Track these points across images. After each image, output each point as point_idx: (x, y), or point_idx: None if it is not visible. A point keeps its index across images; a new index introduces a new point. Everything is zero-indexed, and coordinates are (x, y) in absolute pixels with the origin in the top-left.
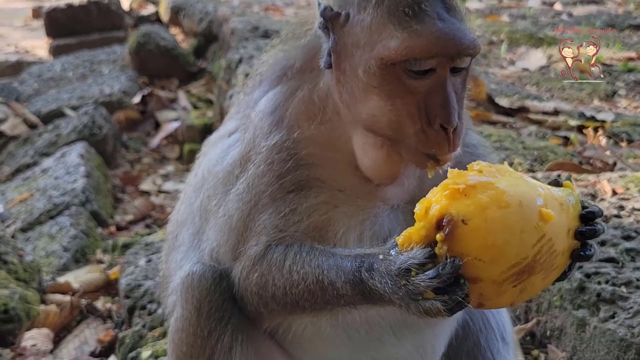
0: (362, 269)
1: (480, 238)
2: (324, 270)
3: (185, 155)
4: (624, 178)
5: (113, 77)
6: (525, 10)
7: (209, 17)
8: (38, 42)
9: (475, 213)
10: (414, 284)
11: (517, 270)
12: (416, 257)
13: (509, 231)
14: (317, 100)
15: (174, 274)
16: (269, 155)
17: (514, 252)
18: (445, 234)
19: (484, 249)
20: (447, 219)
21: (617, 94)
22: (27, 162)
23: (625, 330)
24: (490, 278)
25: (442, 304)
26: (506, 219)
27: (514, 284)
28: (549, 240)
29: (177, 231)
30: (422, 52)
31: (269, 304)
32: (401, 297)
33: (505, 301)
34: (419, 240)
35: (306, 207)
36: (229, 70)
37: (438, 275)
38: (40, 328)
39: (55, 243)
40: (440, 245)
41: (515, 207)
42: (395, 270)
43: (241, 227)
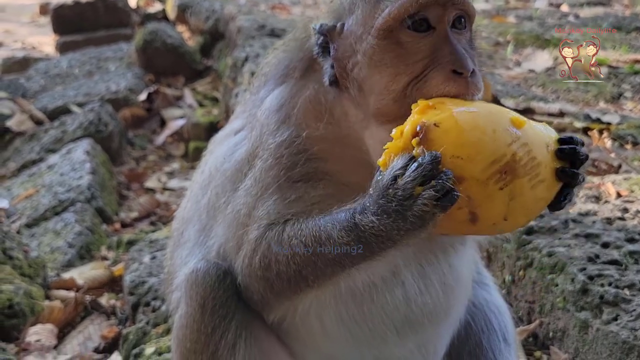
0: (356, 213)
1: (453, 137)
2: (320, 226)
3: (190, 152)
4: (629, 180)
5: (119, 75)
6: (531, 11)
7: (215, 15)
8: (45, 39)
9: (445, 118)
10: (402, 187)
11: (498, 167)
12: (398, 163)
13: (480, 130)
14: (323, 101)
15: (179, 271)
16: (277, 151)
17: (490, 149)
18: (420, 138)
19: (460, 147)
20: (421, 126)
21: (623, 96)
22: (33, 158)
23: (628, 332)
24: (473, 176)
25: (432, 190)
26: (476, 119)
27: (499, 185)
28: (525, 144)
29: (183, 228)
30: (414, 5)
31: (274, 285)
32: (395, 210)
33: (497, 209)
34: (397, 152)
35: (312, 197)
36: (235, 68)
37: (420, 165)
38: (45, 323)
39: (60, 239)
40: (416, 148)
41: (484, 113)
42: (383, 186)
43: (247, 219)
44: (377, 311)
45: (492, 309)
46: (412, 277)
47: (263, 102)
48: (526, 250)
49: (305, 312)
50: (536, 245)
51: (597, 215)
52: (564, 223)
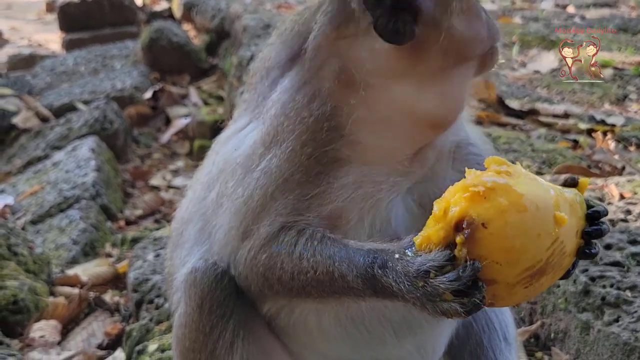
0: (375, 265)
1: (499, 241)
2: (335, 262)
3: (195, 151)
4: (632, 182)
5: (125, 72)
6: (538, 12)
7: (221, 14)
8: (51, 36)
9: (494, 216)
10: (432, 286)
11: (531, 272)
12: (436, 259)
13: (526, 235)
14: (354, 70)
15: (178, 271)
16: (315, 125)
17: (530, 256)
18: (465, 237)
19: (502, 252)
20: (468, 222)
21: (628, 98)
22: (39, 155)
23: (629, 334)
24: (505, 280)
25: (461, 306)
26: (524, 222)
27: (525, 286)
28: (561, 242)
29: (182, 228)
30: None
31: (274, 287)
32: (418, 297)
33: (514, 301)
34: (437, 242)
35: (335, 188)
36: (240, 67)
37: (458, 278)
38: (49, 320)
39: (65, 236)
40: (459, 247)
41: (533, 211)
42: (413, 272)
43: (260, 206)
44: (375, 311)
45: (494, 308)
46: None
47: (274, 88)
48: None
49: (303, 311)
50: None
51: None
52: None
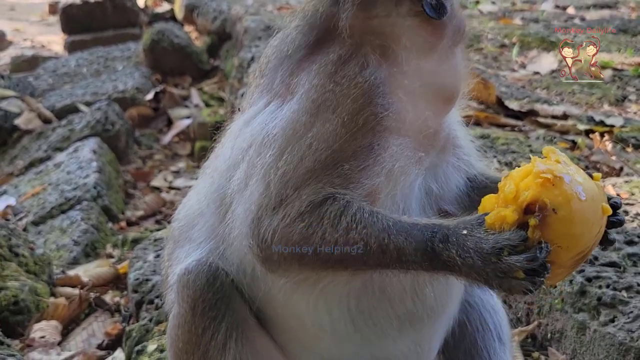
0: (435, 239)
1: (566, 227)
2: (391, 234)
3: (196, 152)
4: (629, 183)
5: (127, 74)
6: (538, 13)
7: (222, 16)
8: (54, 38)
9: (563, 203)
10: (507, 263)
11: (580, 257)
12: (512, 238)
13: (585, 223)
14: (394, 44)
15: (173, 272)
16: (372, 91)
17: (584, 242)
18: (538, 220)
19: (566, 237)
20: (540, 206)
21: (628, 99)
22: (41, 156)
23: (625, 334)
24: (562, 263)
25: (532, 285)
26: (584, 211)
27: (571, 267)
28: (601, 230)
29: (187, 226)
30: None
31: (305, 258)
32: (485, 272)
33: (554, 281)
34: (511, 222)
35: (382, 159)
36: (241, 68)
37: (535, 259)
38: (49, 320)
39: (66, 237)
40: (532, 229)
41: (590, 201)
42: (488, 249)
43: (309, 172)
44: (384, 303)
45: (488, 308)
46: None
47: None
48: None
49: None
50: None
51: None
52: None
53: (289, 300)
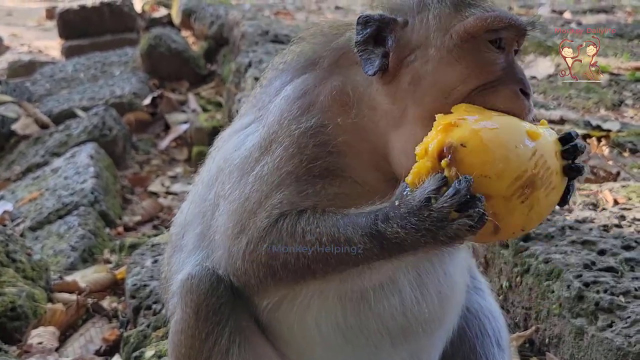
0: (378, 221)
1: (481, 156)
2: (339, 227)
3: (193, 157)
4: (626, 188)
5: (124, 79)
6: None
7: (219, 21)
8: (51, 43)
9: (470, 136)
10: (437, 209)
11: (521, 183)
12: (431, 184)
13: (504, 147)
14: (350, 93)
15: (175, 276)
16: (301, 139)
17: (514, 166)
18: (449, 159)
19: (487, 165)
20: (447, 147)
21: (624, 104)
22: (38, 161)
23: (623, 339)
24: (499, 193)
25: (468, 218)
26: (499, 136)
27: (521, 199)
28: (542, 156)
29: (182, 232)
30: (500, 21)
31: (277, 274)
32: (427, 230)
33: (518, 220)
34: (427, 173)
35: (328, 193)
36: (238, 73)
37: (457, 191)
38: (47, 326)
39: (64, 242)
40: (448, 169)
41: (504, 127)
42: (417, 204)
43: (256, 206)
44: (374, 319)
45: (486, 314)
46: (410, 285)
47: (280, 92)
48: (523, 257)
49: (301, 317)
50: (533, 252)
51: (594, 223)
52: (561, 230)
53: (276, 314)
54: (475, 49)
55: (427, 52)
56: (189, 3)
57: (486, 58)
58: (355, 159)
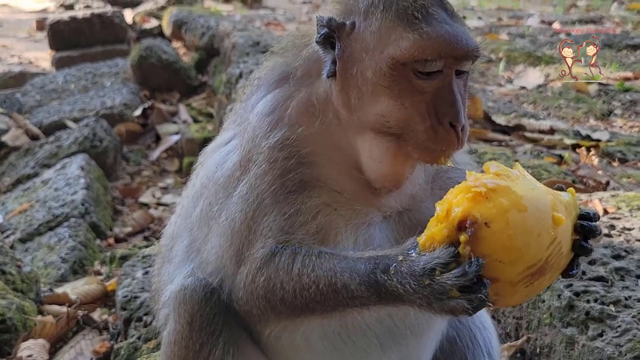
0: (377, 270)
1: (501, 240)
2: (337, 273)
3: (185, 168)
4: (616, 197)
5: (115, 90)
6: (524, 29)
7: (210, 32)
8: (41, 54)
9: (497, 216)
10: (439, 283)
11: (532, 271)
12: (441, 256)
13: (528, 234)
14: (316, 103)
15: (166, 287)
16: (270, 154)
17: (532, 254)
18: (469, 235)
19: (505, 251)
20: (471, 221)
21: (613, 114)
22: (28, 173)
23: (613, 348)
24: (508, 279)
25: (468, 302)
26: (525, 222)
27: (526, 285)
28: (559, 242)
29: (172, 244)
30: (433, 52)
31: (276, 308)
32: (424, 296)
33: (515, 300)
34: (441, 241)
35: (309, 207)
36: (229, 84)
37: (465, 274)
38: (37, 338)
39: (54, 254)
40: (463, 245)
41: (533, 211)
42: (419, 270)
43: (245, 230)
44: (360, 324)
45: (477, 324)
46: None
47: (254, 107)
48: None
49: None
50: None
51: None
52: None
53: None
54: (405, 76)
55: (365, 70)
56: (180, 14)
57: (416, 86)
58: (329, 168)
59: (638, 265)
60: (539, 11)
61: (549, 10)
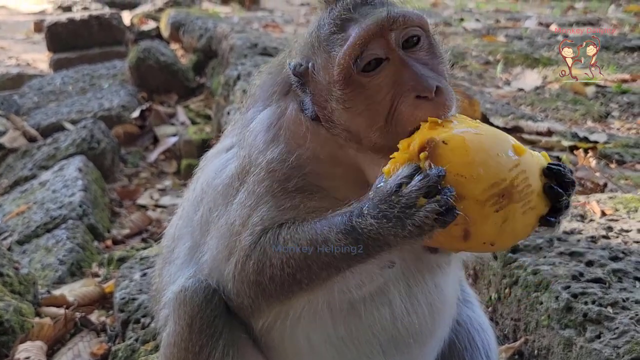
0: (353, 216)
1: (460, 155)
2: (317, 230)
3: (182, 170)
4: (613, 199)
5: (113, 92)
6: (521, 30)
7: (208, 34)
8: (39, 56)
9: (454, 136)
10: (406, 195)
11: (497, 191)
12: (404, 171)
13: (485, 152)
14: (304, 121)
15: (168, 288)
16: (269, 166)
17: (492, 172)
18: (427, 153)
19: (464, 166)
20: (429, 141)
21: (611, 115)
22: (26, 174)
23: (611, 350)
24: (473, 196)
25: (436, 204)
26: (482, 142)
27: (495, 208)
28: (524, 171)
29: (173, 245)
30: (358, 42)
31: (266, 289)
32: (397, 219)
33: (490, 229)
34: (402, 161)
35: (308, 207)
36: (227, 86)
37: (426, 176)
38: (34, 340)
39: (52, 256)
40: (423, 161)
41: (490, 135)
42: (387, 191)
43: (241, 229)
44: (365, 330)
45: (476, 326)
46: (400, 296)
47: (251, 123)
48: (512, 269)
49: (293, 330)
50: (521, 264)
51: (581, 234)
52: (549, 242)
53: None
54: (358, 86)
55: (332, 105)
56: (178, 16)
57: (372, 88)
58: (332, 180)
59: (636, 267)
60: (536, 13)
61: (547, 12)
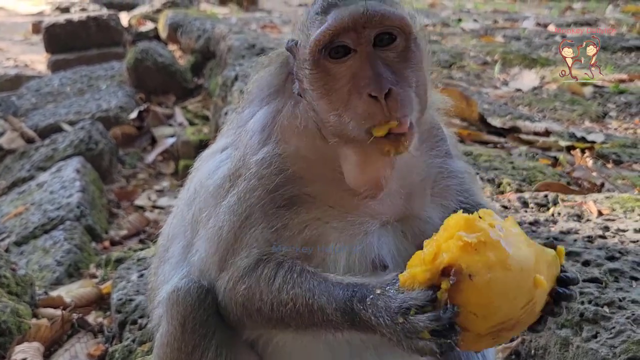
0: (354, 299)
1: (480, 295)
2: (315, 294)
3: (180, 171)
4: (610, 199)
5: (110, 93)
6: (519, 31)
7: (206, 35)
8: (37, 57)
9: (481, 270)
10: (412, 323)
11: (501, 327)
12: (419, 298)
13: (505, 296)
14: (299, 115)
15: (162, 287)
16: (258, 170)
17: (504, 313)
18: (451, 283)
19: (481, 306)
20: (456, 270)
21: (608, 115)
22: (23, 176)
23: (607, 349)
24: (477, 331)
25: (437, 346)
26: (507, 282)
27: (493, 337)
28: (534, 303)
29: (168, 244)
30: (330, 30)
31: (252, 316)
32: (395, 332)
33: (478, 347)
34: (422, 282)
35: (298, 222)
36: (225, 87)
37: (438, 319)
38: (31, 342)
39: (49, 257)
40: (442, 291)
41: (516, 272)
42: (395, 308)
43: (231, 238)
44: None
45: None
46: None
47: (247, 123)
48: None
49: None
50: None
51: (578, 234)
52: (546, 241)
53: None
54: (323, 71)
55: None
56: (176, 17)
57: (334, 76)
58: (318, 182)
59: (632, 267)
60: (534, 14)
61: (545, 13)
